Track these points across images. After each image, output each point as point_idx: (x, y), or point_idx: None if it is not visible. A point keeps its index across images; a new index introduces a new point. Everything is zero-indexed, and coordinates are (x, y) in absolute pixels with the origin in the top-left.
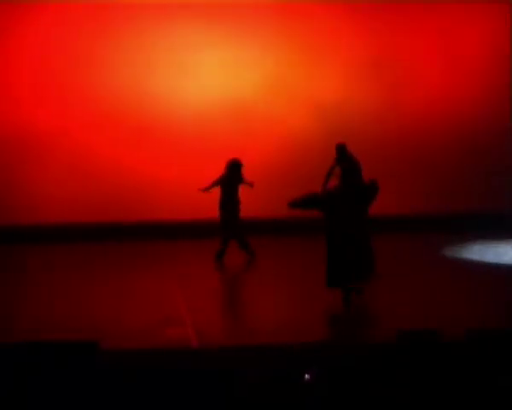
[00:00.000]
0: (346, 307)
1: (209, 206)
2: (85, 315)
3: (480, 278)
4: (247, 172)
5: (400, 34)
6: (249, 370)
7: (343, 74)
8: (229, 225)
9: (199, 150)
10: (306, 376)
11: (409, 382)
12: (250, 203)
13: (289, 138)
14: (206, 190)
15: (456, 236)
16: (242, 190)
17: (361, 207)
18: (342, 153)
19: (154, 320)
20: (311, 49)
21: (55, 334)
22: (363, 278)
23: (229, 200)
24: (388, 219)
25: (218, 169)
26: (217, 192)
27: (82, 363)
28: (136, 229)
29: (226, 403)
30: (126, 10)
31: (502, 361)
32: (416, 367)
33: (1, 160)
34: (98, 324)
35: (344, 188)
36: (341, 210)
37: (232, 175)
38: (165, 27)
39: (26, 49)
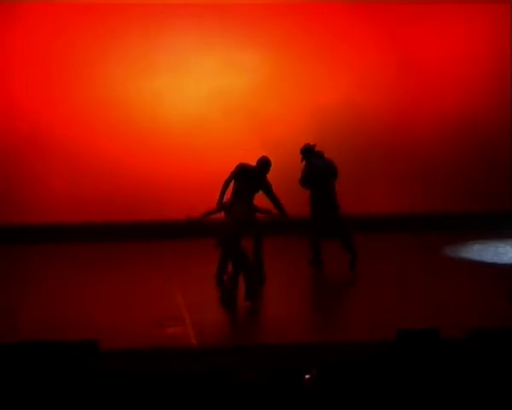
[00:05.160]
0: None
1: (209, 206)
2: (85, 315)
3: (480, 278)
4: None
5: (399, 35)
6: (249, 370)
7: (343, 75)
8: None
9: (199, 150)
10: (306, 376)
11: (409, 382)
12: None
13: (289, 139)
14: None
15: (456, 236)
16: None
17: None
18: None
19: (154, 320)
20: (311, 50)
21: (55, 334)
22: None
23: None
24: (388, 219)
25: (218, 169)
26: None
27: (82, 363)
28: (136, 229)
29: (226, 403)
30: (125, 11)
31: (502, 361)
32: (416, 367)
33: (1, 160)
34: (98, 324)
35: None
36: None
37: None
38: (165, 27)
39: (27, 50)
